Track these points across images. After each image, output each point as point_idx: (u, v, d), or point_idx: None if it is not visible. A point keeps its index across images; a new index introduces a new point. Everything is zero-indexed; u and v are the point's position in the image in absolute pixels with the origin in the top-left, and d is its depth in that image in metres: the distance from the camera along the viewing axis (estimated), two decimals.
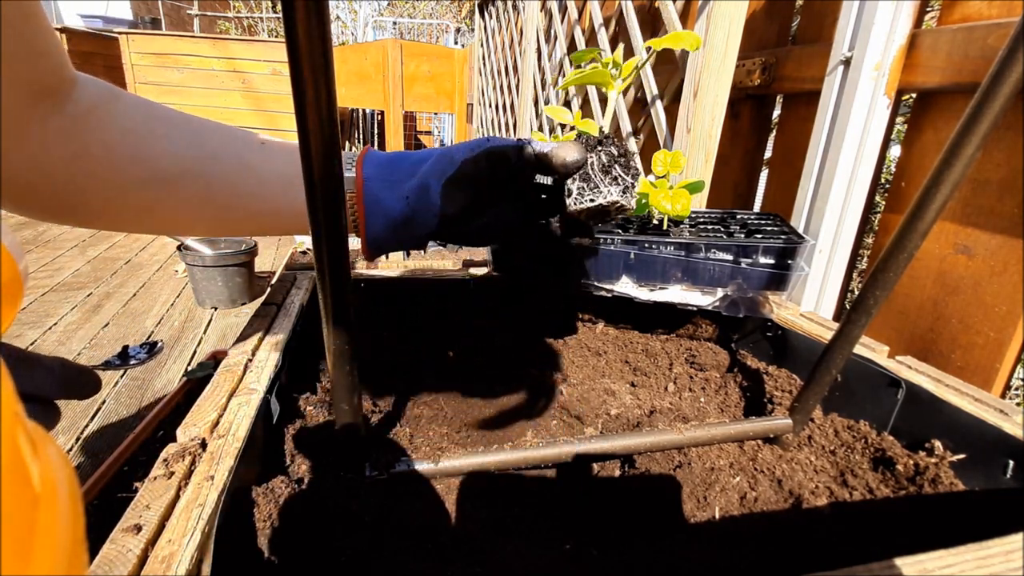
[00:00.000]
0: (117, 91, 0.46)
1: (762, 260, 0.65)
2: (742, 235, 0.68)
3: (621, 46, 0.61)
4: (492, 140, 0.47)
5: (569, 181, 0.47)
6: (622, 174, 0.47)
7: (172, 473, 0.38)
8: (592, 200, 0.46)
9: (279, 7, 0.44)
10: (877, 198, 0.94)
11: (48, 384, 0.32)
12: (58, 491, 0.17)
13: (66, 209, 0.45)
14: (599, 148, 0.48)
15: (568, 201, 0.47)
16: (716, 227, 0.72)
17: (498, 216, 0.50)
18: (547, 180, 0.51)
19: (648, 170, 0.69)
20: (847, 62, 0.76)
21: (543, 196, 0.52)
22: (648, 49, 0.63)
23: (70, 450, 1.40)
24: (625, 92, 1.14)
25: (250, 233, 0.54)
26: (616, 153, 0.47)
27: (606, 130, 0.57)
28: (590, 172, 0.47)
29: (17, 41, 0.36)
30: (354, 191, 0.47)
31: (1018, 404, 1.09)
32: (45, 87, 0.40)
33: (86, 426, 1.51)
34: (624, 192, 0.46)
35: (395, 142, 3.96)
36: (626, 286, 0.67)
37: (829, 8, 0.89)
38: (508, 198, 0.49)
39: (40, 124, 0.40)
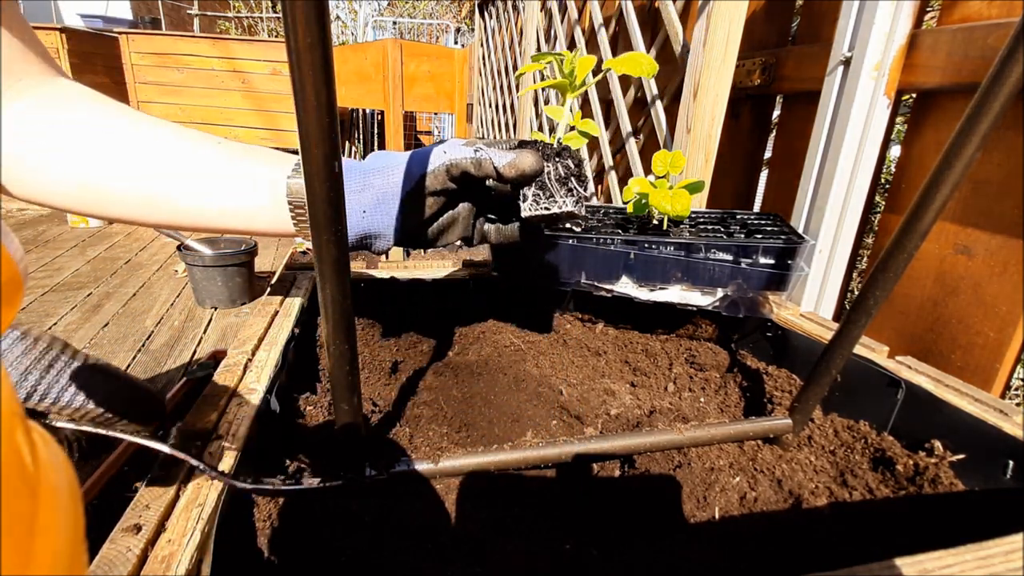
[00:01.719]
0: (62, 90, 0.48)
1: (762, 260, 0.65)
2: (742, 235, 0.68)
3: (577, 52, 0.62)
4: (449, 152, 0.48)
5: (525, 187, 0.49)
6: (577, 187, 0.49)
7: (172, 473, 0.38)
8: (547, 208, 0.48)
9: (279, 7, 0.44)
10: (877, 198, 0.94)
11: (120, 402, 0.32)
12: (58, 491, 0.17)
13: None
14: (557, 160, 0.49)
15: (523, 206, 0.48)
16: (716, 227, 0.72)
17: (453, 221, 0.52)
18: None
19: (648, 170, 0.69)
20: (847, 62, 0.76)
21: (499, 201, 0.53)
22: (601, 66, 0.64)
23: None
24: (617, 97, 1.14)
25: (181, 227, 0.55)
26: (572, 166, 0.49)
27: (562, 139, 0.59)
28: (547, 181, 0.48)
29: None
30: (301, 198, 0.47)
31: (1018, 404, 1.09)
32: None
33: None
34: (577, 203, 0.49)
35: (395, 142, 3.96)
36: (626, 286, 0.67)
37: (829, 8, 0.89)
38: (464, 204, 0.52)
39: None
